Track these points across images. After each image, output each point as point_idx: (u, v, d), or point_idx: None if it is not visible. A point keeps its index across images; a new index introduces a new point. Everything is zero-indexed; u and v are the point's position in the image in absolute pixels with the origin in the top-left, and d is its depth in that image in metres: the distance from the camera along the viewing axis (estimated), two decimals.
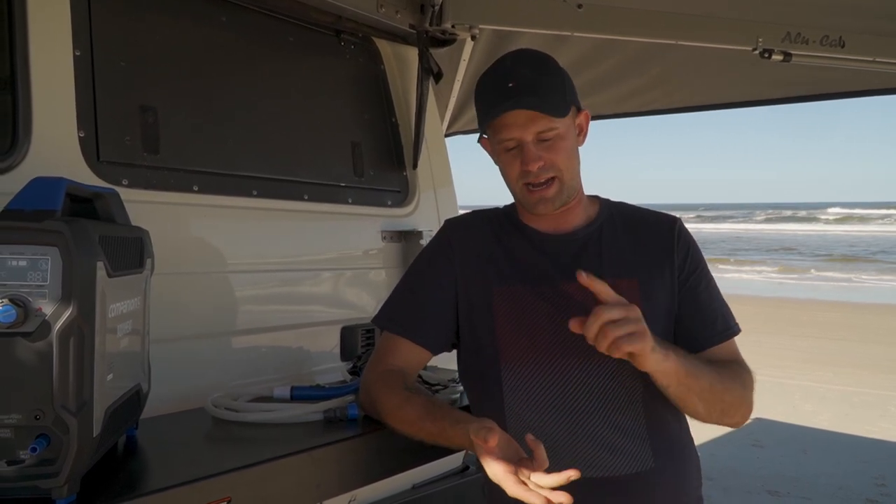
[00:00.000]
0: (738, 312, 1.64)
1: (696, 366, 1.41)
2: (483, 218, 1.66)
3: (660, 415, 1.49)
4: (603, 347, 1.25)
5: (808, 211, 70.89)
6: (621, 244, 1.56)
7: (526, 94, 1.44)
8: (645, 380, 1.47)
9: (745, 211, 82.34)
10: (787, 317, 13.12)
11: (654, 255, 1.55)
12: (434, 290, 1.58)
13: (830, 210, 67.60)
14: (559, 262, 1.53)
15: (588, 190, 1.64)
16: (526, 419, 1.45)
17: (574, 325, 1.27)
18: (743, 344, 1.61)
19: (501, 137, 1.49)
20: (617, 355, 1.28)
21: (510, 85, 1.45)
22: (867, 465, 5.44)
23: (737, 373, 1.51)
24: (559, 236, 1.56)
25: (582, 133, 1.56)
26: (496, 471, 1.19)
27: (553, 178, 1.48)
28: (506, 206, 1.67)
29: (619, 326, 1.24)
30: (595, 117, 1.59)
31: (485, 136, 1.60)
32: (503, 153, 1.52)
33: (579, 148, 1.56)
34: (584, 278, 1.28)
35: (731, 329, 1.59)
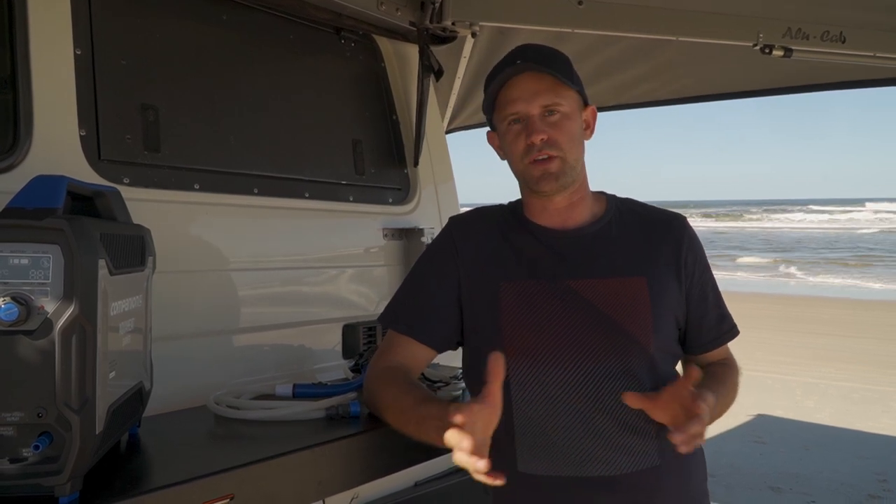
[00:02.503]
0: (739, 310, 1.65)
1: (716, 403, 1.43)
2: (487, 215, 1.65)
3: None
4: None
5: (806, 206, 70.94)
6: (631, 242, 1.55)
7: (534, 62, 1.48)
8: (652, 376, 1.47)
9: (740, 207, 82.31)
10: (788, 314, 13.12)
11: (663, 254, 1.55)
12: (437, 289, 1.58)
13: (829, 206, 67.58)
14: (568, 259, 1.52)
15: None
16: (533, 417, 1.45)
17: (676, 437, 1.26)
18: (745, 341, 1.63)
19: (507, 112, 1.51)
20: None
21: (518, 61, 1.50)
22: (869, 461, 5.44)
23: (732, 379, 1.58)
24: (566, 232, 1.55)
25: (588, 128, 1.57)
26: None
27: (556, 157, 1.48)
28: (511, 203, 1.66)
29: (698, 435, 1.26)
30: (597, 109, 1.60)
31: (492, 130, 1.60)
32: (508, 130, 1.52)
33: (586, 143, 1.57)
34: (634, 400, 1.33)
35: (734, 329, 1.63)
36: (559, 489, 1.44)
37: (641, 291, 1.49)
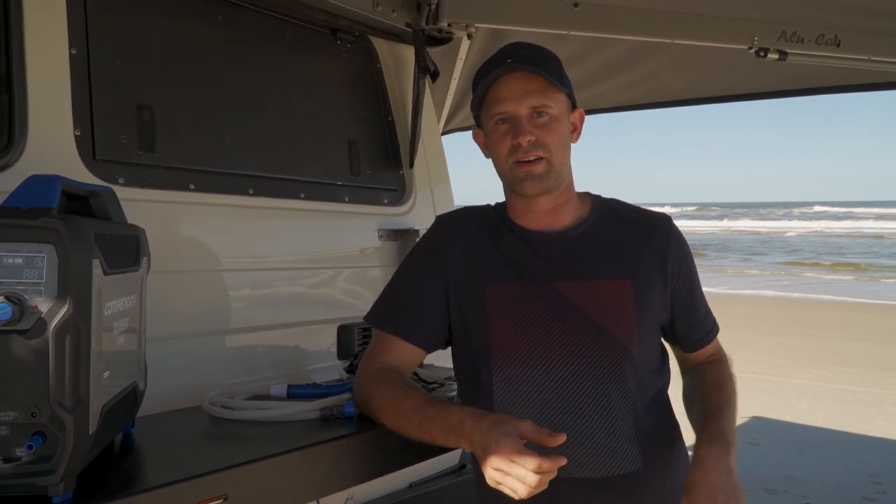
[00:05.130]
0: (734, 312, 1.67)
1: (732, 440, 1.45)
2: (474, 215, 1.65)
3: (649, 415, 1.50)
4: None
5: (801, 209, 71.11)
6: (615, 244, 1.55)
7: (525, 63, 1.47)
8: (636, 380, 1.47)
9: (736, 209, 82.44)
10: (782, 316, 13.13)
11: (648, 256, 1.55)
12: (426, 288, 1.58)
13: (823, 208, 67.75)
14: (552, 262, 1.53)
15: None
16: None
17: None
18: (739, 343, 1.64)
19: (495, 111, 1.50)
20: None
21: (508, 60, 1.49)
22: (863, 464, 5.45)
23: (729, 385, 1.59)
24: (551, 234, 1.55)
25: (576, 131, 1.57)
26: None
27: (542, 158, 1.48)
28: (496, 204, 1.66)
29: None
30: (590, 111, 1.60)
31: (479, 127, 1.60)
32: (495, 130, 1.52)
33: (573, 146, 1.57)
34: None
35: (716, 327, 1.66)
36: (542, 491, 1.44)
37: (626, 294, 1.49)
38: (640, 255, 1.55)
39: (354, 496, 2.01)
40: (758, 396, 7.16)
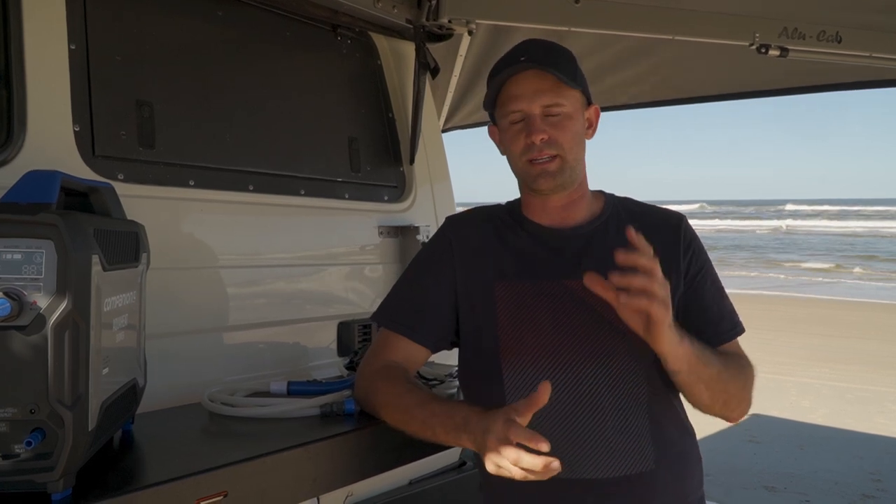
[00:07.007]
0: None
1: (706, 353, 1.40)
2: (484, 215, 1.65)
3: (663, 415, 1.48)
4: (634, 301, 1.26)
5: (801, 206, 71.10)
6: (628, 241, 1.55)
7: (537, 61, 1.47)
8: (649, 379, 1.46)
9: (736, 207, 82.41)
10: (783, 314, 13.14)
11: (661, 253, 1.54)
12: (433, 289, 1.57)
13: (824, 206, 67.75)
14: (564, 258, 1.52)
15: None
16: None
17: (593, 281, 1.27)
18: (740, 341, 1.62)
19: (508, 110, 1.50)
20: (635, 316, 1.29)
21: (522, 58, 1.49)
22: (863, 461, 5.46)
23: (741, 365, 1.52)
24: (564, 231, 1.55)
25: (591, 127, 1.58)
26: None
27: (556, 156, 1.48)
28: (508, 202, 1.66)
29: (660, 288, 1.26)
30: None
31: (493, 124, 1.60)
32: (509, 128, 1.52)
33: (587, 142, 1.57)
34: (592, 281, 1.28)
35: (737, 328, 1.60)
36: (552, 491, 1.43)
37: None
38: (653, 252, 1.54)
39: (354, 493, 2.01)
40: (758, 394, 7.12)
